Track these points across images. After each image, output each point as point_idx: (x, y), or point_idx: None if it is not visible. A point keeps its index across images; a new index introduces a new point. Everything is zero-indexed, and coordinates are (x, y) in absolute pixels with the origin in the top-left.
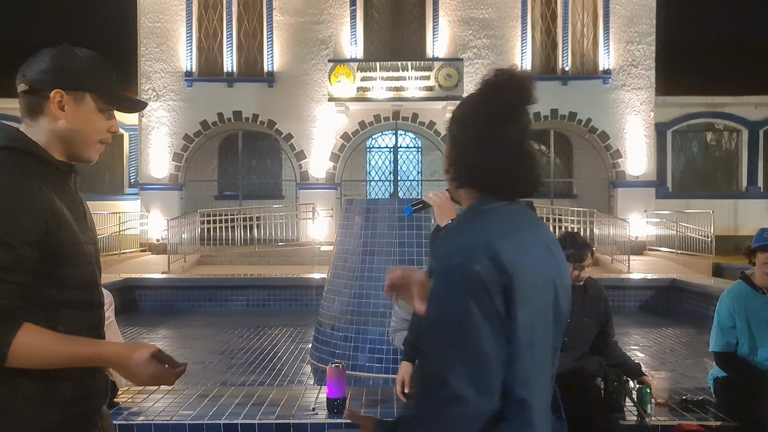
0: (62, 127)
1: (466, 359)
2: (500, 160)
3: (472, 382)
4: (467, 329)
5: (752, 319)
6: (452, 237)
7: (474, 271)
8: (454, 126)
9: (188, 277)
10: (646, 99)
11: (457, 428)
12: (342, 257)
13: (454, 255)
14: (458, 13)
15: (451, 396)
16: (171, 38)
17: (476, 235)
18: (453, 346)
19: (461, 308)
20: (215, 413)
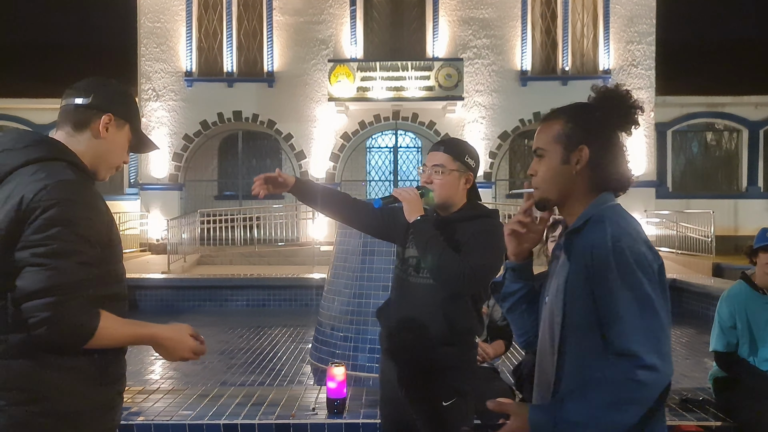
0: (99, 145)
1: (651, 331)
2: (625, 164)
3: (658, 352)
4: (646, 302)
5: (752, 319)
6: (604, 226)
7: (641, 251)
8: (587, 135)
9: (188, 277)
10: (646, 99)
11: (646, 396)
12: (342, 257)
13: (617, 240)
14: (458, 13)
15: (643, 366)
16: (171, 38)
17: (626, 224)
18: (637, 320)
19: (636, 283)
20: (215, 413)
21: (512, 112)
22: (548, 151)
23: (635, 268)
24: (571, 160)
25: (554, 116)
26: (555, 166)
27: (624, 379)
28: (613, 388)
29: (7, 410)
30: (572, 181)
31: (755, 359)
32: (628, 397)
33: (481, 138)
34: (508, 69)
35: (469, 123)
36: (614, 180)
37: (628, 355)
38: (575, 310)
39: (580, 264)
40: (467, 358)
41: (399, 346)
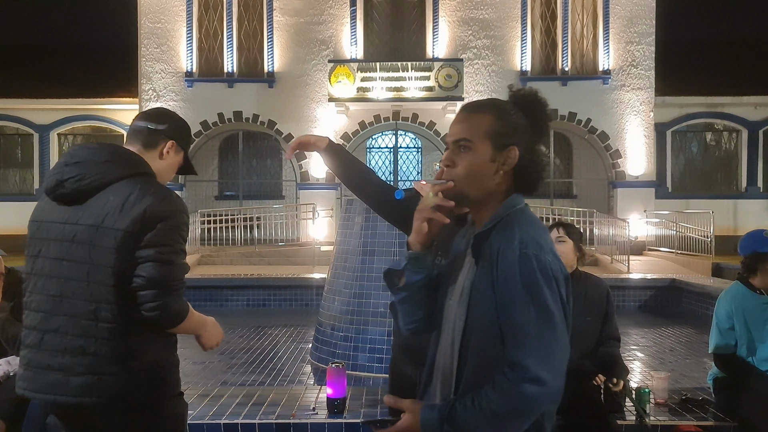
0: (160, 164)
1: (544, 344)
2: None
3: (549, 366)
4: (545, 315)
5: (750, 320)
6: (513, 230)
7: (547, 261)
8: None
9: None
10: (645, 99)
11: (529, 409)
12: (342, 257)
13: (525, 247)
14: (458, 14)
15: (529, 378)
16: (171, 39)
17: (534, 231)
18: (532, 331)
19: (538, 294)
20: (216, 413)
21: None
22: (476, 146)
23: (539, 277)
24: (498, 160)
25: (483, 109)
26: (482, 163)
27: (511, 390)
28: (500, 398)
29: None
30: (494, 181)
31: (754, 359)
32: (513, 409)
33: None
34: (507, 69)
35: None
36: (531, 184)
37: (518, 366)
38: (478, 314)
39: (487, 267)
40: None
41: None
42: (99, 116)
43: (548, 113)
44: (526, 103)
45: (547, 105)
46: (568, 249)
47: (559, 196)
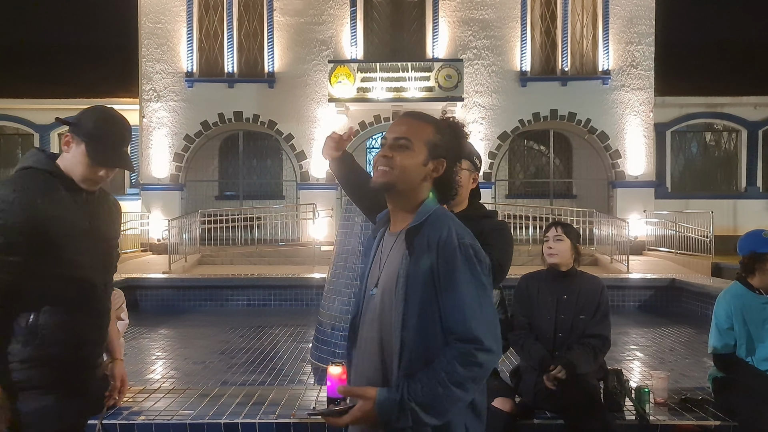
0: (64, 159)
1: (489, 318)
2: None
3: (494, 337)
4: (485, 293)
5: (749, 319)
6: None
7: (478, 248)
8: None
9: (189, 276)
10: (645, 99)
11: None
12: (342, 257)
13: (462, 238)
14: (458, 14)
15: (484, 350)
16: (172, 39)
17: (454, 222)
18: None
19: (478, 277)
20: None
21: (512, 112)
22: (415, 147)
23: (476, 262)
24: (429, 166)
25: (426, 120)
26: (416, 164)
27: (466, 360)
28: (455, 368)
29: None
30: (421, 182)
31: (753, 359)
32: (469, 376)
33: (480, 138)
34: (507, 70)
35: (468, 123)
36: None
37: (472, 339)
38: (417, 299)
39: (422, 257)
40: None
41: None
42: None
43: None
44: (454, 130)
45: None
46: (566, 248)
47: (558, 196)
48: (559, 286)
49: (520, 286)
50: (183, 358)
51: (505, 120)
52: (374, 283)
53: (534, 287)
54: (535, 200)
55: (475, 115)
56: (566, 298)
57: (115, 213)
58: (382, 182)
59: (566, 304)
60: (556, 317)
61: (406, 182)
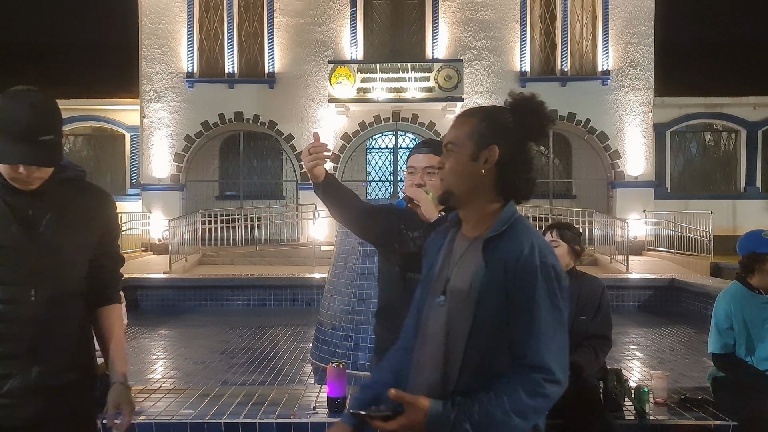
0: None
1: (560, 347)
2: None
3: (563, 368)
4: (561, 320)
5: (749, 319)
6: (527, 237)
7: (560, 269)
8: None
9: (189, 276)
10: (644, 100)
11: (546, 407)
12: (342, 257)
13: (544, 256)
14: (458, 15)
15: (553, 380)
16: (172, 39)
17: (537, 237)
18: (551, 336)
19: (557, 302)
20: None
21: None
22: (459, 147)
23: (556, 285)
24: (480, 158)
25: (469, 114)
26: (464, 162)
27: (533, 390)
28: (520, 397)
29: None
30: (479, 179)
31: (753, 359)
32: (533, 406)
33: None
34: (507, 70)
35: None
36: (519, 186)
37: (542, 369)
38: (487, 315)
39: (499, 271)
40: None
41: None
42: (100, 117)
43: (544, 114)
44: (519, 106)
45: (543, 109)
46: (562, 252)
47: (558, 196)
48: None
49: None
50: (183, 358)
51: None
52: (441, 290)
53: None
54: (535, 200)
55: None
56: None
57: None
58: (440, 194)
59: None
60: None
61: (460, 186)
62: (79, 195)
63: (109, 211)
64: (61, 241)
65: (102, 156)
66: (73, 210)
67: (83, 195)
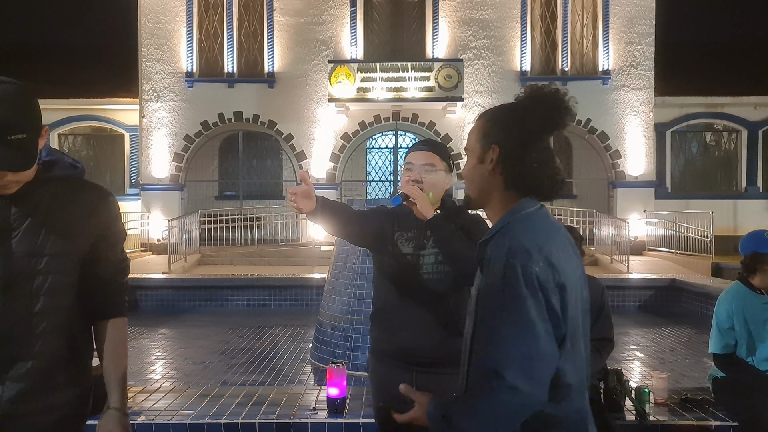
0: None
1: (523, 354)
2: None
3: (527, 376)
4: (525, 326)
5: (750, 320)
6: (507, 238)
7: (533, 271)
8: (501, 134)
9: (189, 277)
10: (645, 99)
11: (508, 415)
12: (342, 257)
13: (512, 256)
14: (458, 14)
15: (506, 386)
16: (172, 39)
17: (530, 238)
18: (511, 341)
19: (520, 306)
20: (216, 413)
21: None
22: (470, 151)
23: (523, 287)
24: (486, 159)
25: (479, 117)
26: (473, 165)
27: (491, 396)
28: (484, 400)
29: None
30: (487, 181)
31: (754, 359)
32: (494, 413)
33: None
34: (507, 70)
35: (469, 124)
36: (531, 183)
37: (496, 374)
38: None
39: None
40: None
41: (408, 344)
42: (99, 116)
43: (558, 103)
44: (529, 99)
45: (553, 97)
46: None
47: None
48: None
49: None
50: (183, 358)
51: None
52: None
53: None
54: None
55: (474, 115)
56: None
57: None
58: (464, 199)
59: None
60: None
61: (472, 189)
62: (70, 196)
63: (105, 212)
64: (41, 249)
65: (101, 156)
66: (59, 213)
67: (75, 196)
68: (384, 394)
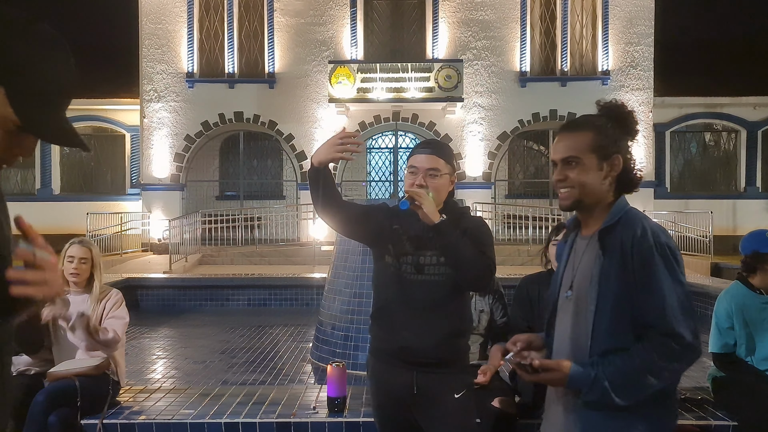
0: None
1: (688, 314)
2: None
3: (693, 332)
4: (684, 289)
5: (750, 319)
6: (638, 225)
7: (674, 246)
8: (616, 146)
9: (189, 276)
10: (644, 100)
11: (681, 367)
12: (342, 257)
13: (657, 236)
14: (458, 15)
15: (682, 343)
16: (172, 39)
17: (647, 220)
18: (678, 305)
19: (677, 273)
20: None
21: (511, 113)
22: (583, 160)
23: (672, 260)
24: (604, 168)
25: (582, 127)
26: (592, 174)
27: (665, 352)
28: (653, 358)
29: None
30: (603, 187)
31: (753, 359)
32: (665, 367)
33: (480, 139)
34: (507, 70)
35: (468, 124)
36: (632, 183)
37: (672, 334)
38: (609, 298)
39: (615, 256)
40: (468, 350)
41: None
42: (100, 116)
43: (635, 118)
44: (614, 113)
45: (632, 111)
46: None
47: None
48: None
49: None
50: (184, 358)
51: (504, 120)
52: (568, 286)
53: (534, 291)
54: (535, 200)
55: (474, 116)
56: None
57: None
58: (569, 204)
59: None
60: None
61: (590, 195)
62: None
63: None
64: None
65: (102, 156)
66: None
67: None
68: (384, 394)
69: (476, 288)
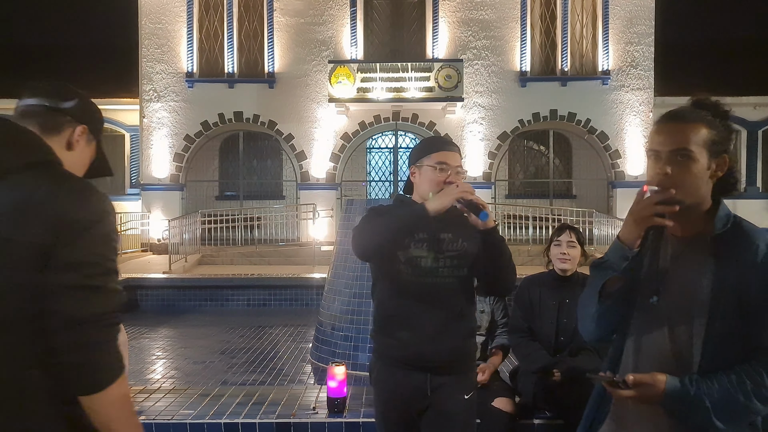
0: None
1: None
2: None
3: None
4: None
5: None
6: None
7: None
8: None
9: (189, 276)
10: (645, 100)
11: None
12: (342, 257)
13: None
14: (458, 15)
15: None
16: (172, 39)
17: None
18: None
19: None
20: (216, 413)
21: (512, 112)
22: (696, 154)
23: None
24: (711, 167)
25: (694, 119)
26: (701, 171)
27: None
28: (764, 381)
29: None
30: (707, 187)
31: None
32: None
33: (480, 139)
34: (507, 70)
35: (468, 124)
36: (733, 186)
37: None
38: (721, 311)
39: (732, 266)
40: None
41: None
42: None
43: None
44: (719, 110)
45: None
46: (578, 254)
47: (558, 196)
48: (561, 289)
49: (522, 291)
50: (183, 358)
51: (504, 120)
52: (654, 290)
53: (535, 292)
54: (535, 200)
55: (474, 116)
56: (568, 302)
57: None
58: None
59: (568, 307)
60: (558, 321)
61: (695, 197)
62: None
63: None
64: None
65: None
66: None
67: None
68: (393, 397)
69: (507, 291)
